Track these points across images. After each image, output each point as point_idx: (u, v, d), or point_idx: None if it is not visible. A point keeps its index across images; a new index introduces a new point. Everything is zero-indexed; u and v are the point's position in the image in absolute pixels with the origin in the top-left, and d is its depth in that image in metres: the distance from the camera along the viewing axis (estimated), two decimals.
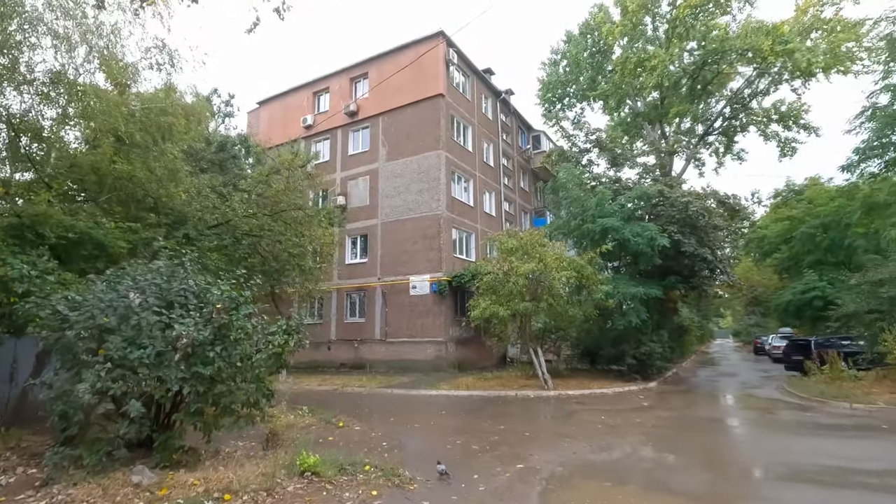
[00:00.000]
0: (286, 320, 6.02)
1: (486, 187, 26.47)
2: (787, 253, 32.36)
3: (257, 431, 7.71)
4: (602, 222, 15.44)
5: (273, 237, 11.66)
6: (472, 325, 16.27)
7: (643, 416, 10.73)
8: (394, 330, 22.04)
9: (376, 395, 15.26)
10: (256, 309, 6.26)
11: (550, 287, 13.90)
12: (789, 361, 19.49)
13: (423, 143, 22.83)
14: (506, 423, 10.02)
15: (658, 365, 16.82)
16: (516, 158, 31.04)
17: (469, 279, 20.70)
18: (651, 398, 13.62)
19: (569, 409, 11.81)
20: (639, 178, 19.06)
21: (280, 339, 5.72)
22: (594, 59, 27.56)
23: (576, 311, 14.63)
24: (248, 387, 5.64)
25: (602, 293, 14.28)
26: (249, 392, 5.69)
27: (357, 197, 24.61)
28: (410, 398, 14.35)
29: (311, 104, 27.48)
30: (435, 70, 23.15)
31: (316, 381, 18.61)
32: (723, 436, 8.70)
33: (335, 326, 23.95)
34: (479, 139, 26.23)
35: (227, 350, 5.64)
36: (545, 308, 14.06)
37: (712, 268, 16.74)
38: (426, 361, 20.80)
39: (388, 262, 22.84)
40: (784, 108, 25.60)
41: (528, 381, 16.00)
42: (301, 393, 16.42)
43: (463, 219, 23.52)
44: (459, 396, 14.24)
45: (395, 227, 22.98)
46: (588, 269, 14.13)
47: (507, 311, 13.59)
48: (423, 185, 22.51)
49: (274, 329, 5.89)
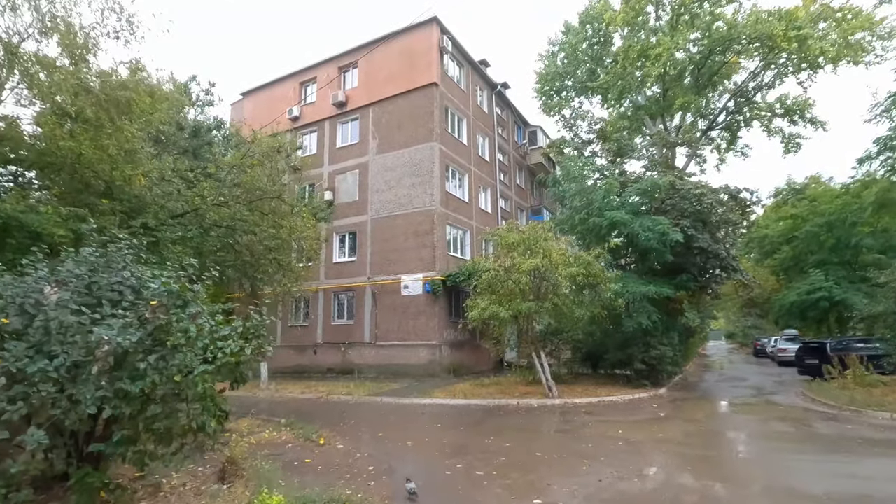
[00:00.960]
0: (243, 321, 4.71)
1: (482, 183, 25.25)
2: (790, 253, 31.50)
3: (214, 457, 6.40)
4: (610, 215, 14.26)
5: (247, 228, 10.32)
6: (468, 328, 15.03)
7: (665, 429, 9.53)
8: (384, 333, 20.71)
9: (364, 404, 13.93)
10: (232, 309, 4.93)
11: (555, 285, 12.70)
12: (803, 365, 18.44)
13: (416, 135, 21.57)
14: (511, 438, 8.76)
15: (669, 370, 15.68)
16: (512, 154, 29.87)
17: (464, 278, 19.43)
18: (665, 407, 12.44)
19: (579, 420, 10.58)
20: (644, 171, 17.94)
21: (234, 345, 4.41)
22: (593, 51, 26.50)
23: (582, 312, 13.43)
24: (192, 407, 4.33)
25: (611, 292, 13.08)
26: (193, 414, 4.37)
27: (345, 192, 23.28)
28: (402, 408, 13.04)
29: (297, 95, 26.11)
30: (428, 58, 21.91)
31: (300, 387, 17.26)
32: (768, 455, 7.49)
33: (322, 329, 22.56)
34: (475, 132, 25.03)
35: (164, 360, 4.33)
36: (549, 308, 12.85)
37: (725, 265, 15.64)
38: (419, 366, 19.50)
39: (378, 261, 21.52)
40: (789, 101, 24.71)
41: (529, 388, 14.77)
42: (282, 402, 15.06)
43: (457, 215, 22.27)
44: (456, 406, 12.97)
45: (385, 223, 21.68)
46: (596, 266, 12.94)
47: (508, 312, 12.34)
48: (415, 179, 21.23)
49: (228, 332, 4.59)
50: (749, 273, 15.62)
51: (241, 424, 10.67)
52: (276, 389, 17.14)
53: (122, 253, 5.32)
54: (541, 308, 12.73)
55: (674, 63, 20.67)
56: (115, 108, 9.63)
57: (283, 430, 9.79)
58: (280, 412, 13.20)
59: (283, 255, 11.89)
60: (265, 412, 12.96)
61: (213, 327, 4.64)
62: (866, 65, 21.05)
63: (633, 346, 15.26)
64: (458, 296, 21.39)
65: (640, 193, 15.07)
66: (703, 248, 14.84)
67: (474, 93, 25.70)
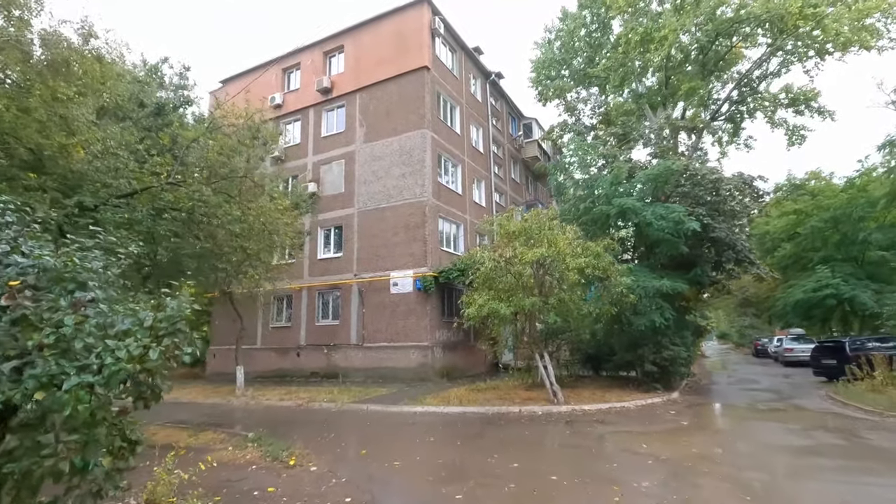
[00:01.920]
0: (154, 309, 3.28)
1: (476, 175, 23.91)
2: (791, 250, 30.57)
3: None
4: (619, 202, 12.97)
5: (208, 211, 8.84)
6: (463, 327, 13.64)
7: (695, 441, 8.22)
8: (372, 333, 19.26)
9: (348, 413, 12.47)
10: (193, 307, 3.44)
11: (561, 279, 11.35)
12: (819, 366, 17.30)
13: (406, 122, 20.17)
14: (519, 456, 7.38)
15: (682, 372, 14.43)
16: (507, 147, 28.60)
17: (458, 275, 18.08)
18: (685, 414, 11.14)
19: (592, 431, 9.24)
20: (650, 160, 16.69)
21: (134, 346, 2.98)
22: (591, 39, 25.30)
23: (590, 309, 12.11)
24: (65, 439, 2.88)
25: (623, 286, 11.76)
26: (72, 447, 2.92)
27: (331, 183, 21.80)
28: (390, 417, 11.61)
29: (280, 82, 24.59)
30: (419, 40, 20.54)
31: (279, 393, 15.75)
32: (838, 479, 6.18)
33: (305, 330, 21.04)
34: (468, 121, 23.69)
35: (33, 368, 2.89)
36: (555, 305, 11.50)
37: (741, 258, 14.42)
38: (409, 369, 18.07)
39: (365, 257, 20.07)
40: (795, 91, 23.66)
41: (530, 393, 13.42)
42: (257, 411, 13.55)
43: (450, 208, 20.90)
44: (451, 414, 11.55)
45: (373, 216, 20.24)
46: (607, 258, 11.62)
47: (509, 309, 10.96)
48: (405, 169, 19.83)
49: (130, 326, 3.16)
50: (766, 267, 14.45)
51: (201, 439, 9.19)
52: (252, 396, 15.63)
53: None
54: (546, 304, 11.38)
55: (680, 47, 19.51)
56: (48, 70, 8.14)
57: (249, 446, 8.33)
58: (252, 423, 11.73)
59: (252, 243, 10.41)
60: (236, 423, 11.49)
61: (108, 320, 3.19)
62: (879, 50, 20.04)
63: (642, 346, 13.98)
64: (451, 293, 20.00)
65: (652, 179, 13.80)
66: (721, 238, 13.61)
67: (468, 80, 24.39)
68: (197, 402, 15.67)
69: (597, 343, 16.31)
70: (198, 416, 12.60)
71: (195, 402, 15.69)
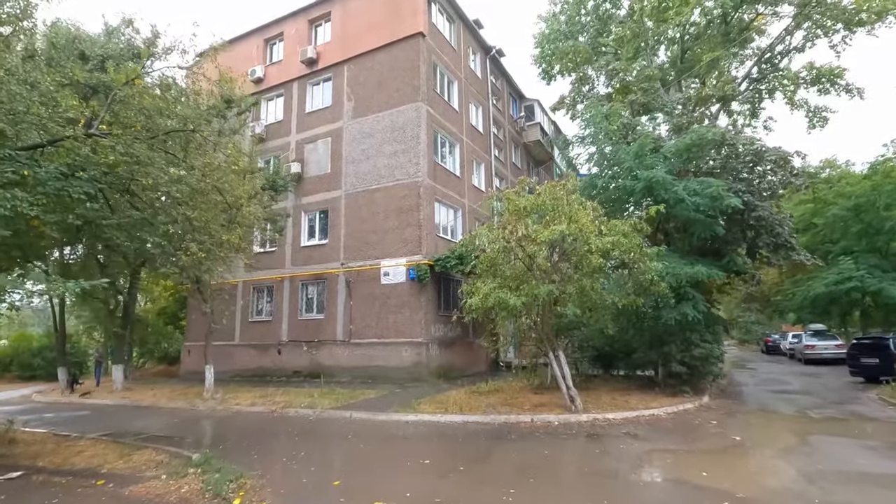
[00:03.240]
0: None
1: (475, 156, 21.99)
2: (808, 240, 28.86)
3: None
4: (646, 175, 11.11)
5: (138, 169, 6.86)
6: (462, 320, 11.76)
7: (767, 468, 6.40)
8: (360, 329, 17.35)
9: (328, 422, 10.59)
10: None
11: (581, 262, 9.48)
12: (858, 366, 15.57)
13: (399, 94, 18.20)
14: (544, 490, 5.53)
15: (714, 372, 12.63)
16: (507, 129, 26.69)
17: (456, 263, 16.20)
18: (730, 425, 9.33)
19: (627, 450, 7.39)
20: (670, 135, 14.79)
21: None
22: (600, 11, 23.39)
23: (613, 299, 10.24)
24: None
25: (654, 273, 9.91)
26: None
27: (316, 163, 19.80)
28: (377, 428, 9.73)
29: (261, 54, 22.49)
30: (413, 4, 18.53)
31: (253, 396, 13.86)
32: None
33: (287, 325, 19.09)
34: (467, 98, 21.74)
35: None
36: (576, 293, 9.63)
37: (780, 243, 12.60)
38: (401, 369, 16.19)
39: (353, 244, 18.13)
40: (819, 67, 21.82)
41: (540, 398, 11.59)
42: (223, 419, 11.60)
43: (447, 190, 18.97)
44: (450, 425, 9.69)
45: (362, 199, 18.28)
46: (636, 239, 9.74)
47: (520, 299, 9.06)
48: (398, 146, 17.87)
49: None
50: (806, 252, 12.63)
51: (134, 461, 7.26)
52: (222, 399, 13.72)
53: None
54: (564, 293, 9.50)
55: (703, 10, 17.62)
56: None
57: (190, 473, 6.41)
58: (210, 436, 9.84)
59: (199, 212, 8.40)
60: (189, 436, 9.57)
61: None
62: None
63: (668, 342, 12.15)
64: (448, 284, 18.13)
65: (683, 150, 11.92)
66: (764, 218, 11.78)
67: (466, 55, 22.41)
68: (158, 407, 13.74)
69: (609, 339, 14.46)
70: (152, 425, 10.70)
71: (156, 407, 13.76)
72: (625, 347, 14.69)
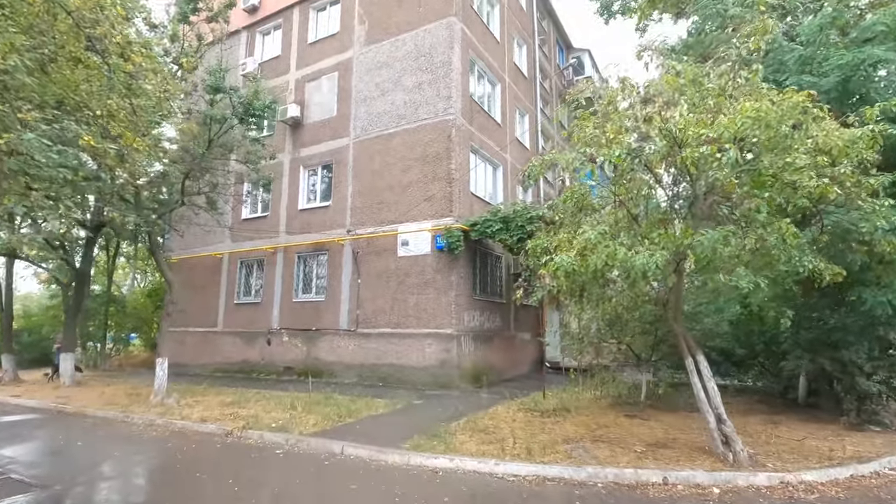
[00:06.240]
0: None
1: (518, 104, 17.54)
2: None
3: None
4: (844, 60, 6.47)
5: None
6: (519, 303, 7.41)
7: None
8: (369, 315, 13.18)
9: (300, 464, 6.37)
10: None
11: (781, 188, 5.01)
12: None
13: (425, 9, 13.85)
14: None
15: None
16: (554, 81, 22.14)
17: (501, 228, 11.91)
18: None
19: None
20: None
21: None
22: None
23: (803, 262, 5.69)
24: None
25: (882, 218, 5.42)
26: None
27: (319, 105, 15.63)
28: (380, 484, 5.47)
29: None
30: None
31: (216, 403, 9.86)
32: None
33: (279, 308, 15.04)
34: (510, 29, 17.27)
35: None
36: (753, 247, 5.10)
37: None
38: (423, 369, 11.99)
39: (363, 205, 13.95)
40: None
41: (642, 425, 7.28)
42: (143, 447, 7.18)
43: (485, 138, 14.60)
44: (514, 484, 5.37)
45: (376, 146, 14.05)
46: (853, 150, 5.21)
47: (661, 255, 4.65)
48: (423, 77, 13.55)
49: None
50: None
51: None
52: (173, 406, 9.75)
53: None
54: (741, 242, 4.99)
55: None
56: None
57: None
58: (95, 488, 5.70)
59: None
60: (57, 485, 5.47)
61: None
62: None
63: (847, 345, 7.61)
64: (486, 259, 13.84)
65: None
66: None
67: None
68: (83, 415, 9.80)
69: (721, 335, 9.88)
70: (19, 457, 6.70)
71: (80, 415, 9.83)
72: (745, 347, 10.25)
